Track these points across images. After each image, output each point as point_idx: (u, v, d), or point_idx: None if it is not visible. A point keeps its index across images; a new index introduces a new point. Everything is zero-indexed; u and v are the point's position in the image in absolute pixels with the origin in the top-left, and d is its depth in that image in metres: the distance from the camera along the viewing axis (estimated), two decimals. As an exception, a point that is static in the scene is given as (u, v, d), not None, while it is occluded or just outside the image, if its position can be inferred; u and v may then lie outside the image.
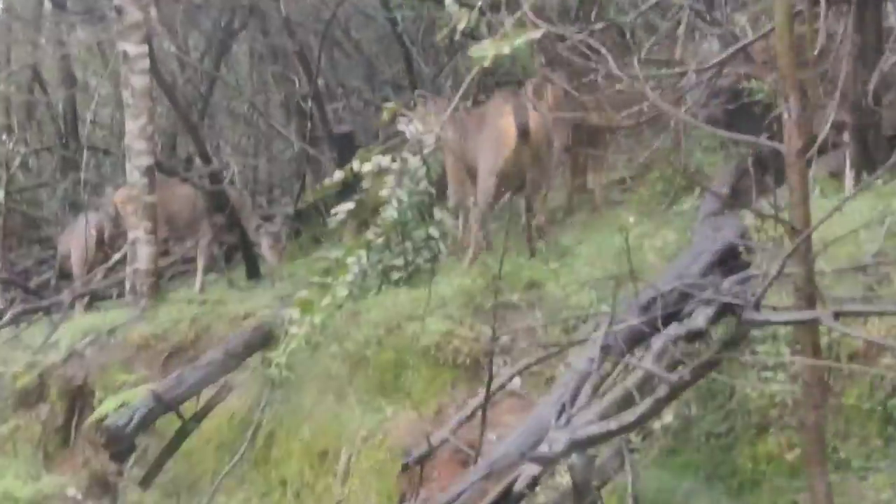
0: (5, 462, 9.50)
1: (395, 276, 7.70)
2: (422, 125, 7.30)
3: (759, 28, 7.57)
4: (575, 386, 4.97)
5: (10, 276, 13.35)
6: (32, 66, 15.67)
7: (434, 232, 7.54)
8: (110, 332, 9.94)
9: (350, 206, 6.48)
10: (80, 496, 9.00)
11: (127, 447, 7.11)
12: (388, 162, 6.36)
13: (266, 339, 8.27)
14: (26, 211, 15.70)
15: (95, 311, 11.55)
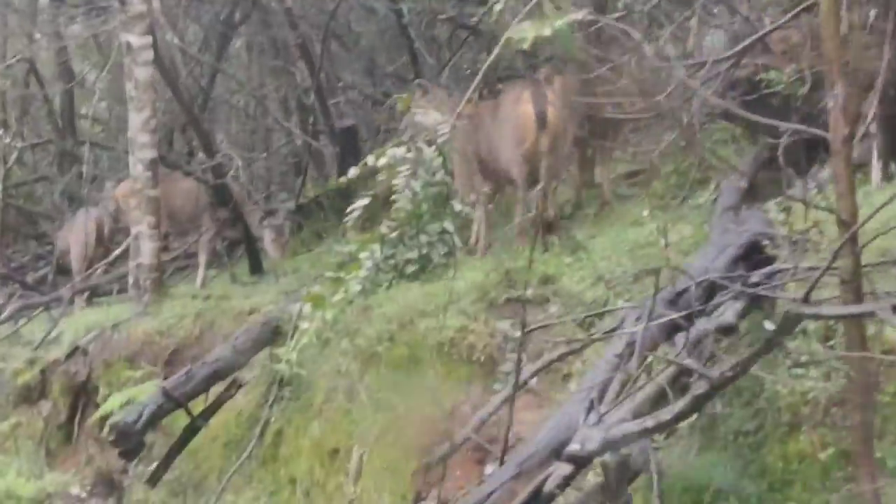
0: (6, 460, 9.37)
1: (409, 269, 7.56)
2: (438, 114, 7.19)
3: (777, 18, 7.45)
4: (603, 382, 4.85)
5: (9, 272, 13.18)
6: (29, 59, 15.47)
7: (449, 226, 7.41)
8: (114, 327, 9.79)
9: (365, 202, 6.35)
10: (84, 494, 8.87)
11: (136, 445, 6.96)
12: (403, 153, 6.22)
13: (274, 335, 8.13)
14: (22, 206, 15.53)
15: (96, 306, 11.43)
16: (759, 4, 8.44)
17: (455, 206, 7.72)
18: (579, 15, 3.92)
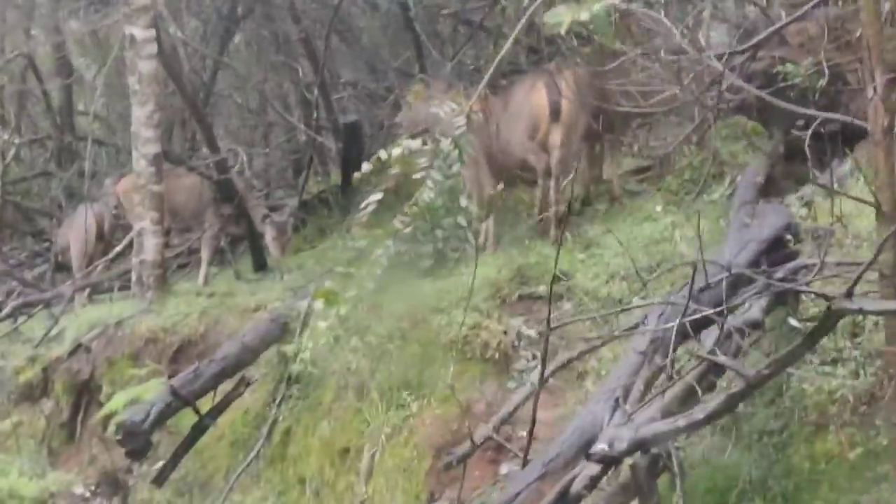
0: (8, 459, 9.22)
1: (424, 264, 7.46)
2: (455, 106, 7.06)
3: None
4: (627, 381, 4.74)
5: (8, 268, 13.03)
6: (27, 54, 15.32)
7: (462, 220, 7.28)
8: (117, 324, 9.64)
9: (379, 197, 6.22)
10: (87, 494, 8.74)
11: (143, 445, 6.82)
12: (417, 145, 6.11)
13: (282, 333, 8.01)
14: (20, 202, 15.38)
15: (97, 303, 11.28)
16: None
17: (462, 201, 7.60)
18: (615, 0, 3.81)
